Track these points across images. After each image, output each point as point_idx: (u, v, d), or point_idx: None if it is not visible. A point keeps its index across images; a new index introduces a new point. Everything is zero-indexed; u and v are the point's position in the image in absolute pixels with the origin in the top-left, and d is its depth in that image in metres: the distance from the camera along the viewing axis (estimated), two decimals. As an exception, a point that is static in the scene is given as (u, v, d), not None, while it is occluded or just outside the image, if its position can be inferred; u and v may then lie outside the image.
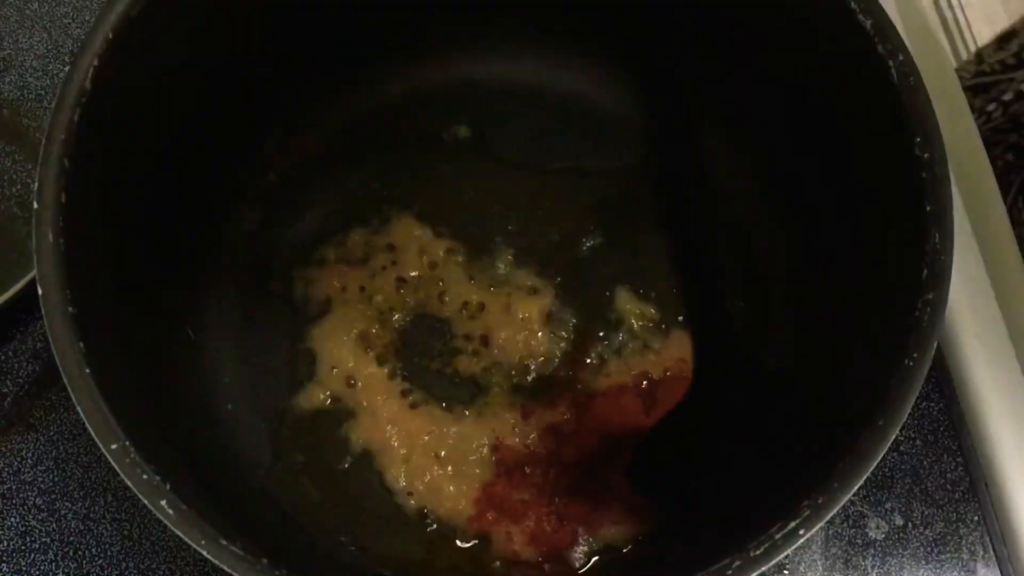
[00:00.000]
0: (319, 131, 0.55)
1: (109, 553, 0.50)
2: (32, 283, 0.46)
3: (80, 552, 0.50)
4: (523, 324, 0.52)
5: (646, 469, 0.50)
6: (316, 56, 0.52)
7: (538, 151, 0.55)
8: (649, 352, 0.51)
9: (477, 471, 0.49)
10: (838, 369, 0.45)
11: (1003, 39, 0.66)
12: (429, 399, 0.51)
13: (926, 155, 0.39)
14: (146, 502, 0.35)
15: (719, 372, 0.52)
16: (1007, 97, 0.66)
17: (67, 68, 0.39)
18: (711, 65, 0.52)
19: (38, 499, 0.50)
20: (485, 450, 0.50)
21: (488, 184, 0.55)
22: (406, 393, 0.51)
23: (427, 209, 0.54)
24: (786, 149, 0.51)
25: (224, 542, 0.35)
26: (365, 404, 0.51)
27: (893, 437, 0.36)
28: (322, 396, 0.51)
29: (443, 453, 0.50)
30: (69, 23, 0.60)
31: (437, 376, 0.51)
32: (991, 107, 0.67)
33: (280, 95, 0.53)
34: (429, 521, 0.48)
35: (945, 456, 0.52)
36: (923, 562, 0.50)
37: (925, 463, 0.52)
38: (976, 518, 0.51)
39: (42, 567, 0.49)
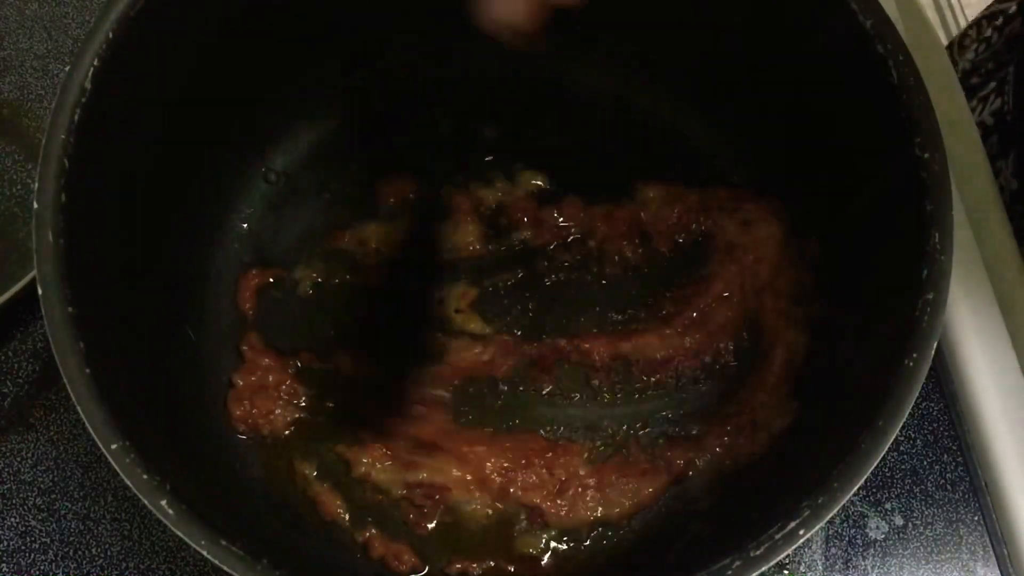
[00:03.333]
0: (319, 130, 0.55)
1: (109, 553, 0.50)
2: (32, 283, 0.46)
3: (80, 552, 0.50)
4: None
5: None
6: (315, 56, 0.52)
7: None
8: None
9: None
10: (838, 369, 0.45)
11: None
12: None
13: (926, 155, 0.39)
14: (146, 502, 0.35)
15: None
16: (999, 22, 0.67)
17: (67, 68, 0.39)
18: (712, 63, 0.52)
19: (38, 499, 0.50)
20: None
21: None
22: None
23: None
24: (786, 150, 0.51)
25: (224, 542, 0.35)
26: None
27: (893, 437, 0.36)
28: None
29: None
30: (69, 23, 0.60)
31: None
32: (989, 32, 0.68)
33: (279, 95, 0.53)
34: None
35: (945, 456, 0.52)
36: (923, 562, 0.50)
37: (925, 463, 0.52)
38: (976, 518, 0.51)
39: (42, 567, 0.49)
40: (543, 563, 0.47)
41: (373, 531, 0.48)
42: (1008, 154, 0.59)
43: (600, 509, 0.48)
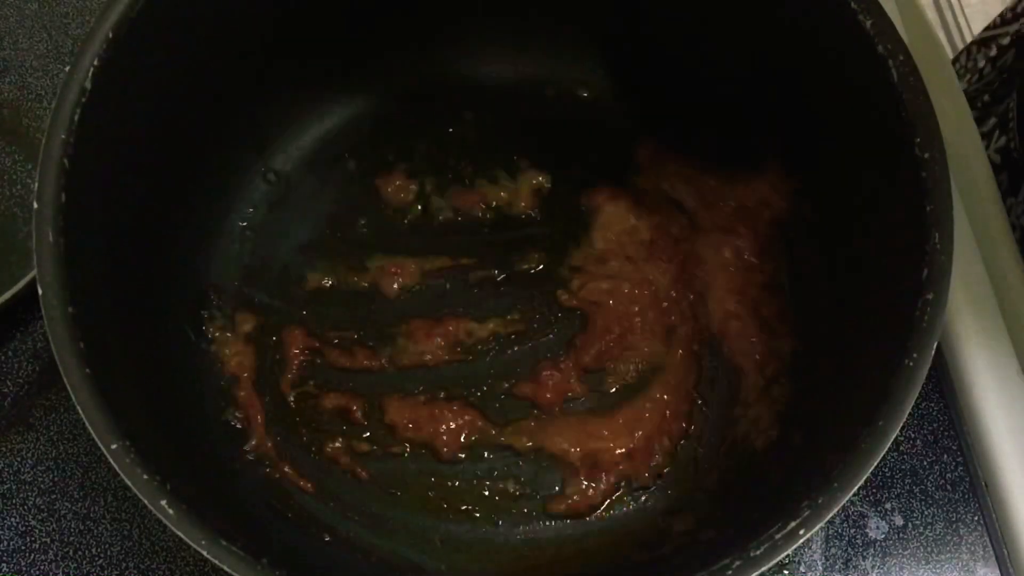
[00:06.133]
0: (319, 130, 0.55)
1: (109, 553, 0.50)
2: (32, 283, 0.46)
3: (80, 552, 0.50)
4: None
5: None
6: (315, 55, 0.52)
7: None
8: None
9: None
10: (838, 369, 0.45)
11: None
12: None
13: (926, 155, 0.39)
14: (146, 502, 0.35)
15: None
16: (992, 53, 0.67)
17: (67, 68, 0.39)
18: (712, 66, 0.52)
19: (38, 499, 0.50)
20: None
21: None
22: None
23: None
24: (785, 150, 0.51)
25: (224, 542, 0.35)
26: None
27: (893, 437, 0.36)
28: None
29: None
30: (69, 23, 0.60)
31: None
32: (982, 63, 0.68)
33: (280, 95, 0.53)
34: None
35: (945, 456, 0.52)
36: (923, 562, 0.50)
37: (925, 463, 0.52)
38: (976, 518, 0.51)
39: (42, 567, 0.49)
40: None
41: (376, 532, 0.48)
42: (1018, 192, 0.59)
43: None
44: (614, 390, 0.51)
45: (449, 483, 0.49)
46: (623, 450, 0.49)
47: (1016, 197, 0.59)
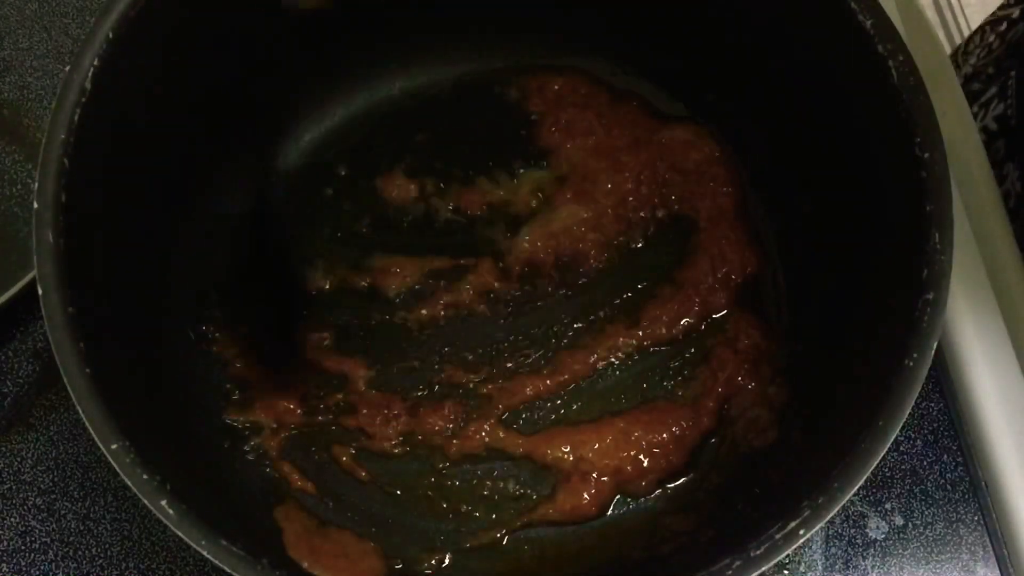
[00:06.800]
0: (319, 130, 0.55)
1: (109, 553, 0.50)
2: (32, 283, 0.46)
3: (80, 552, 0.50)
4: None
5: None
6: (316, 56, 0.52)
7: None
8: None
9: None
10: (838, 369, 0.45)
11: None
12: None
13: (926, 155, 0.39)
14: (146, 502, 0.35)
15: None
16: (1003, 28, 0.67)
17: (67, 68, 0.39)
18: (711, 67, 0.52)
19: (38, 499, 0.50)
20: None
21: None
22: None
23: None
24: (786, 150, 0.51)
25: (224, 542, 0.35)
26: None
27: (893, 437, 0.36)
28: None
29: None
30: (69, 23, 0.60)
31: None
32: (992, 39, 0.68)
33: (280, 95, 0.53)
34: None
35: (945, 456, 0.52)
36: (923, 562, 0.50)
37: (925, 463, 0.52)
38: (976, 518, 0.51)
39: (42, 567, 0.49)
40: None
41: (374, 532, 0.48)
42: (1014, 158, 0.59)
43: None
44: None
45: (449, 483, 0.49)
46: (616, 462, 0.49)
47: (1013, 163, 0.58)
